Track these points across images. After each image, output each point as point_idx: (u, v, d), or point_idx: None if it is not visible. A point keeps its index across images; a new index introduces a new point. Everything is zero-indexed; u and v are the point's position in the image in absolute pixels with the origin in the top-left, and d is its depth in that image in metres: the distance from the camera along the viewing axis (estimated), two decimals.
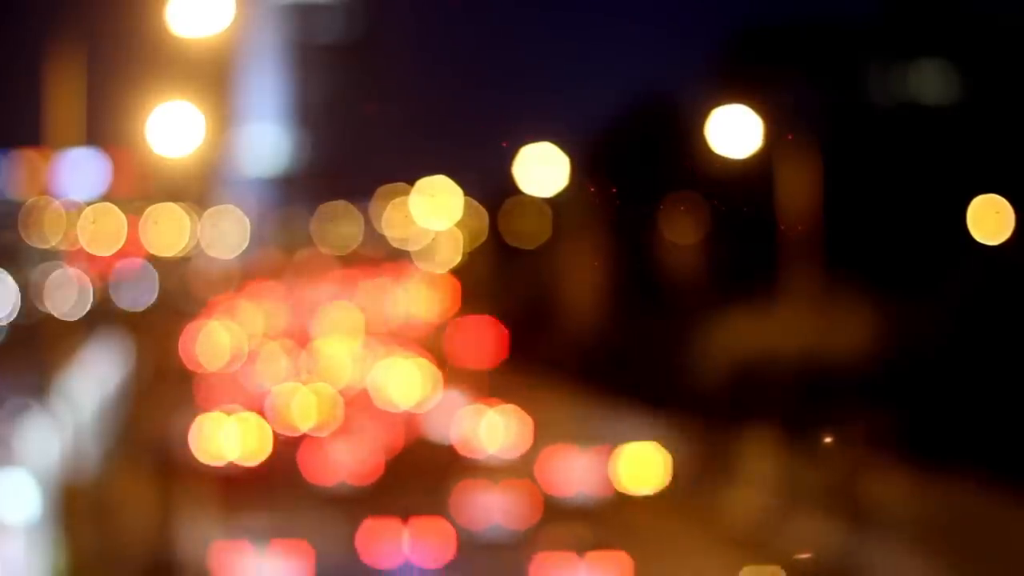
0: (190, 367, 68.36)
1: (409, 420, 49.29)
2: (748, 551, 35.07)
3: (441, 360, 70.46)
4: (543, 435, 42.19)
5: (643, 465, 43.89)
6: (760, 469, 43.15)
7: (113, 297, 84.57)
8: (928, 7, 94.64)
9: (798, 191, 42.72)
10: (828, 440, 39.12)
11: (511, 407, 44.92)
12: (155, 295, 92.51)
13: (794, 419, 39.39)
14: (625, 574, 29.67)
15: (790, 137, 46.98)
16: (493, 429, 43.45)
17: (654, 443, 48.40)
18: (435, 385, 57.09)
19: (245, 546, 33.50)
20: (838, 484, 38.05)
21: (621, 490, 40.32)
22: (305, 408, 51.63)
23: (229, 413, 52.03)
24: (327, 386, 56.98)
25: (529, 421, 43.63)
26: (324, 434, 45.22)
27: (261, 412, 51.40)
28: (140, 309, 72.49)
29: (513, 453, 41.83)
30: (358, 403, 50.66)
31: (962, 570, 31.41)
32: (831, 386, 38.70)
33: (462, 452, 42.14)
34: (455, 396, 52.19)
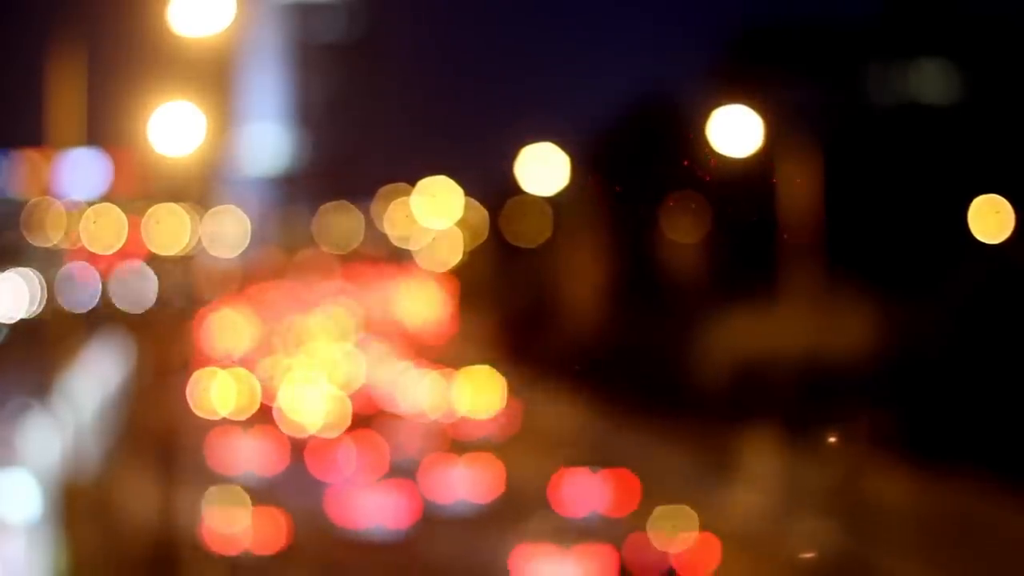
0: (191, 363, 74.55)
1: (375, 395, 60.53)
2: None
3: (417, 349, 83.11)
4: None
5: (481, 388, 58.38)
6: (761, 469, 43.17)
7: (114, 296, 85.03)
8: (928, 8, 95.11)
9: (799, 191, 42.74)
10: (830, 440, 39.15)
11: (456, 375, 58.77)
12: (156, 294, 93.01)
13: (795, 419, 39.43)
14: (495, 469, 42.43)
15: (791, 137, 46.98)
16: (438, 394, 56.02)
17: (489, 367, 64.56)
18: (402, 369, 69.64)
19: (233, 429, 48.34)
20: (839, 484, 38.09)
21: (462, 413, 53.70)
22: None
23: (224, 368, 64.35)
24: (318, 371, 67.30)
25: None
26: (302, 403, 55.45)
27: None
28: (141, 308, 73.62)
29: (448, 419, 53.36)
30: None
31: (962, 570, 31.45)
32: (832, 386, 38.73)
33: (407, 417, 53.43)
34: (416, 376, 65.01)
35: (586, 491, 37.57)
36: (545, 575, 31.09)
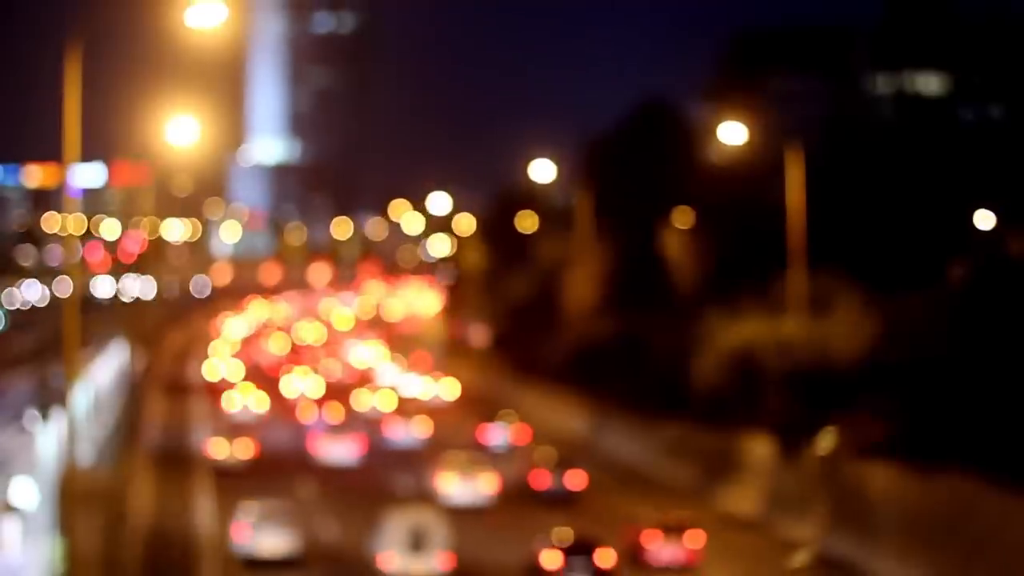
0: (202, 346, 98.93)
1: (355, 372, 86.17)
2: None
3: (398, 340, 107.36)
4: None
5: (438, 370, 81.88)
6: (758, 467, 43.41)
7: (119, 298, 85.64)
8: (926, 14, 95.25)
9: (796, 192, 43.02)
10: (827, 439, 39.41)
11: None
12: (158, 295, 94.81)
13: (792, 418, 39.63)
14: (427, 428, 59.19)
15: (789, 138, 47.16)
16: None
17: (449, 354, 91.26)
18: (381, 353, 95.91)
19: (234, 387, 71.43)
20: (836, 482, 38.33)
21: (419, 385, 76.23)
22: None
23: (227, 349, 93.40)
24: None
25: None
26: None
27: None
28: (143, 307, 76.49)
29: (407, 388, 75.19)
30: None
31: (957, 566, 31.67)
32: (830, 385, 38.86)
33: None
34: (390, 359, 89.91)
35: (497, 434, 56.34)
36: (456, 487, 43.96)
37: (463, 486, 43.47)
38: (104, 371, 53.01)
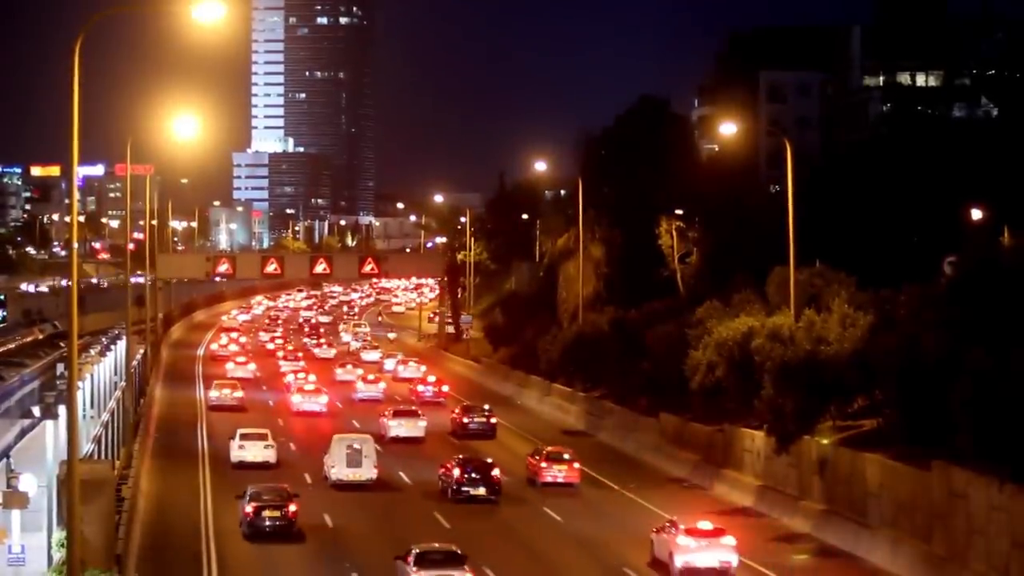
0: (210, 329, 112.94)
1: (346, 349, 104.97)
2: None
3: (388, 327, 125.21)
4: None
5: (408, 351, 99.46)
6: (753, 458, 43.58)
7: (120, 299, 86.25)
8: (920, 15, 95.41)
9: (793, 191, 43.16)
10: (824, 435, 39.58)
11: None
12: (161, 289, 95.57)
13: (787, 409, 39.79)
14: (386, 387, 77.22)
15: (785, 138, 47.41)
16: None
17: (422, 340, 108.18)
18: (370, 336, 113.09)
19: (231, 358, 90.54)
20: (834, 476, 38.52)
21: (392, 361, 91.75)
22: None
23: (230, 333, 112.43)
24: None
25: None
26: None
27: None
28: (147, 299, 77.43)
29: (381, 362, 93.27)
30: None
31: (948, 555, 31.88)
32: (824, 377, 38.98)
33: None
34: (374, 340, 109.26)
35: (425, 388, 73.71)
36: (395, 425, 58.39)
37: (402, 424, 58.56)
38: (109, 360, 53.47)
